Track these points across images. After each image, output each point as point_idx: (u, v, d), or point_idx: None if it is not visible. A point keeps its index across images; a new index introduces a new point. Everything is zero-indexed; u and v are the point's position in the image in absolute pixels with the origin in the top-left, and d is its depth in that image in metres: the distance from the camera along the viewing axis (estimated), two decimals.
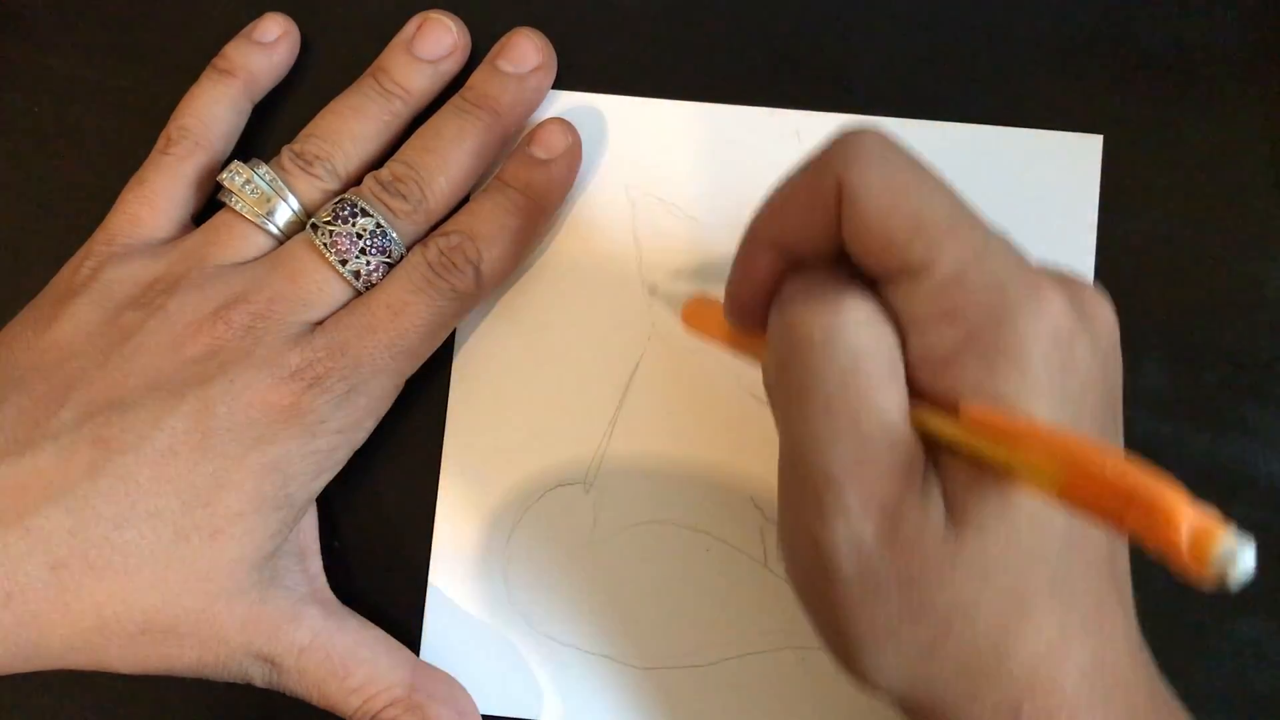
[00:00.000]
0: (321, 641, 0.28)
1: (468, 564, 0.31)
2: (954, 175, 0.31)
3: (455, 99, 0.31)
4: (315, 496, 0.29)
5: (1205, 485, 0.31)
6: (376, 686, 0.28)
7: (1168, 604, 0.30)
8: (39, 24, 0.34)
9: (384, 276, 0.29)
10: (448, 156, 0.30)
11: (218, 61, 0.32)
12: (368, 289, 0.29)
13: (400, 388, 0.30)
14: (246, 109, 0.32)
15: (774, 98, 0.32)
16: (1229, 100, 0.32)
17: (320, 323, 0.29)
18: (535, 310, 0.32)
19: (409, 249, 0.30)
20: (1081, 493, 0.18)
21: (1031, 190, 0.31)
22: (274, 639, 0.27)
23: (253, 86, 0.32)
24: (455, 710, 0.29)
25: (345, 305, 0.29)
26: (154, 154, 0.31)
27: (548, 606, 0.31)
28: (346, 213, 0.29)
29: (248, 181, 0.29)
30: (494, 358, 0.32)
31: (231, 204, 0.30)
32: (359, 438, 0.29)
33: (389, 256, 0.29)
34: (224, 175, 0.30)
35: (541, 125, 0.31)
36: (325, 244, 0.29)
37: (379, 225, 0.29)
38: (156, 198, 0.30)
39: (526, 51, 0.31)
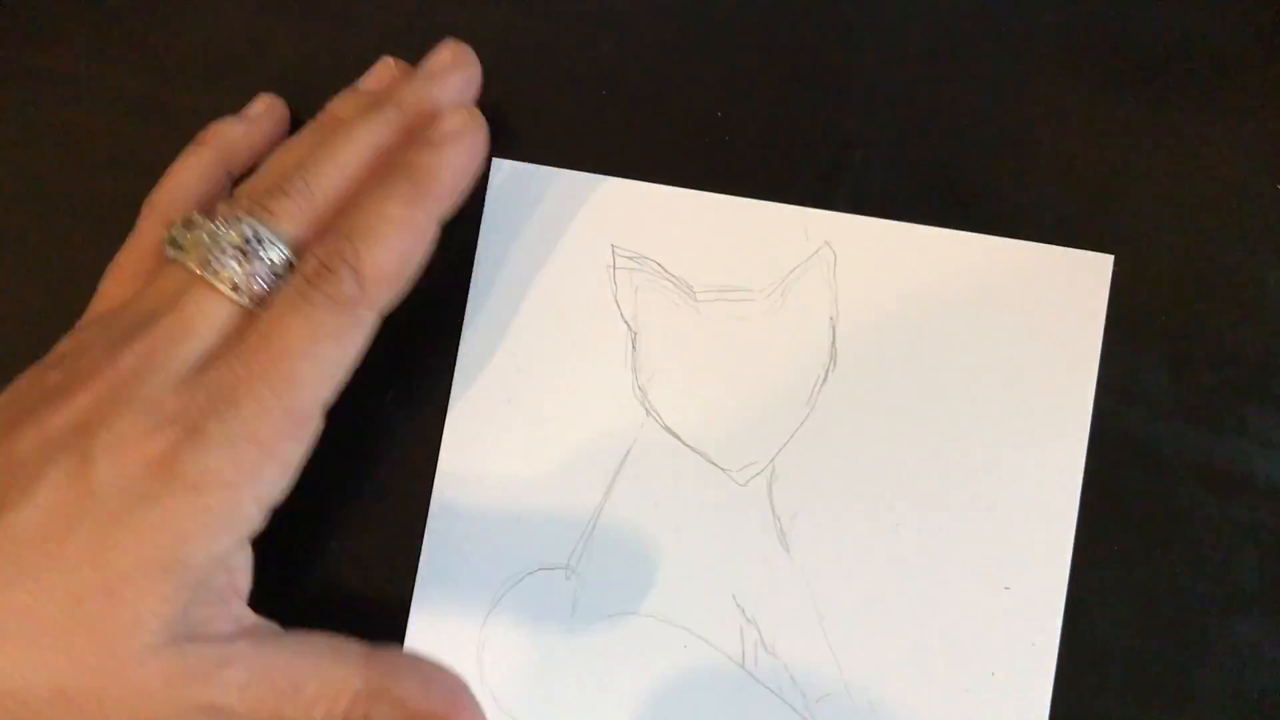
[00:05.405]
0: (261, 671, 0.25)
1: (442, 642, 0.31)
2: (959, 285, 0.31)
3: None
4: (227, 554, 0.26)
5: (1205, 485, 0.31)
6: (333, 689, 0.26)
7: (1167, 604, 0.30)
8: (39, 24, 0.34)
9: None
10: (336, 146, 0.27)
11: (198, 134, 0.31)
12: (259, 305, 0.26)
13: (307, 426, 0.26)
14: (223, 180, 0.31)
15: (781, 194, 0.32)
16: (1229, 99, 0.32)
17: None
18: (529, 391, 0.32)
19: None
20: None
21: (1036, 307, 0.31)
22: (208, 686, 0.25)
23: (230, 158, 0.31)
24: (420, 680, 0.27)
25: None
26: (130, 234, 0.30)
27: (520, 691, 0.31)
28: (218, 221, 0.27)
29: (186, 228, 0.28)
30: (484, 435, 0.31)
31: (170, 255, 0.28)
32: (265, 490, 0.26)
33: (272, 263, 0.26)
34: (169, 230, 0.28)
35: (442, 109, 0.29)
36: (198, 260, 0.26)
37: (253, 230, 0.26)
38: (125, 275, 0.29)
39: (441, 55, 0.30)
